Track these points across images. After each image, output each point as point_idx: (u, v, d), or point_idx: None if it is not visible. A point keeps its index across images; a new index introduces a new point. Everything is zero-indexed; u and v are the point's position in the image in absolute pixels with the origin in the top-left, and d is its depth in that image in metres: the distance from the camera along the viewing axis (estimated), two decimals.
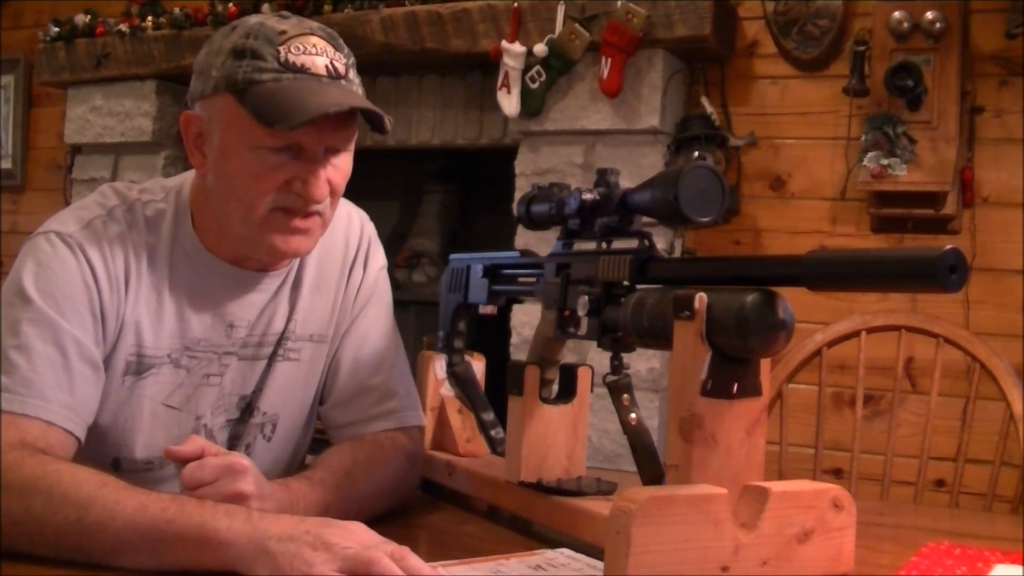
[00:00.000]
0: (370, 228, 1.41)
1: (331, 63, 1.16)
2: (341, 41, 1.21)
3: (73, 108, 3.68)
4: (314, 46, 1.16)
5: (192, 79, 1.20)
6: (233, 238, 1.21)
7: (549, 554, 1.04)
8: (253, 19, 1.18)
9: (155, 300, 1.21)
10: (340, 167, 1.20)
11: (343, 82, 1.16)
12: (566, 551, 1.05)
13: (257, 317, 1.28)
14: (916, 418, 2.37)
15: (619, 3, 2.70)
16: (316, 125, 1.12)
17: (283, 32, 1.15)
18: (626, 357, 1.12)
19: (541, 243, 2.42)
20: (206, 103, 1.17)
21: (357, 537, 0.92)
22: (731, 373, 0.92)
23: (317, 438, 1.41)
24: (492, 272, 1.36)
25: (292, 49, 1.14)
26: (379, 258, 1.40)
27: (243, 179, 1.15)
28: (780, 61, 2.84)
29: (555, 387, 1.24)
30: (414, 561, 0.91)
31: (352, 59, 1.21)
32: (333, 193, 1.20)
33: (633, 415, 1.09)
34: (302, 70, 1.13)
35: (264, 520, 0.94)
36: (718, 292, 0.92)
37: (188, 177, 1.27)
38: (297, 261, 1.31)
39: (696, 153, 2.68)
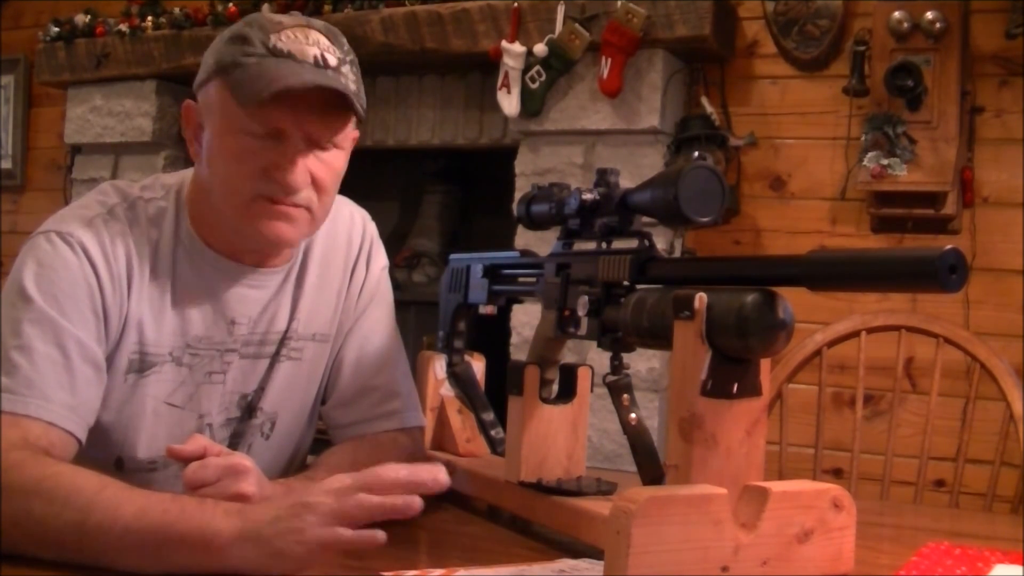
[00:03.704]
0: (372, 228, 1.41)
1: (321, 54, 1.15)
2: (343, 40, 1.20)
3: (73, 108, 3.68)
4: (307, 36, 1.16)
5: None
6: (226, 228, 1.21)
7: (571, 562, 1.04)
8: (258, 13, 1.19)
9: (158, 297, 1.21)
10: (328, 162, 1.18)
11: (330, 72, 1.15)
12: (588, 560, 1.04)
13: (259, 315, 1.28)
14: (916, 418, 2.37)
15: (619, 3, 2.70)
16: (296, 112, 1.12)
17: (280, 23, 1.16)
18: (626, 357, 1.12)
19: (541, 243, 2.41)
20: (203, 91, 1.19)
21: (333, 487, 0.92)
22: (731, 373, 0.92)
23: (318, 438, 1.41)
24: (492, 272, 1.36)
25: (283, 37, 1.15)
26: (381, 258, 1.40)
27: (226, 162, 1.16)
28: (780, 61, 2.85)
29: (555, 387, 1.24)
30: (389, 474, 0.91)
31: (352, 57, 1.20)
32: (319, 188, 1.18)
33: (633, 415, 1.09)
34: (288, 56, 1.13)
35: (253, 511, 0.94)
36: (718, 292, 0.92)
37: (187, 175, 1.27)
38: (299, 259, 1.31)
39: (696, 153, 2.67)
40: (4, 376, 1.07)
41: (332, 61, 1.15)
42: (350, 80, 1.17)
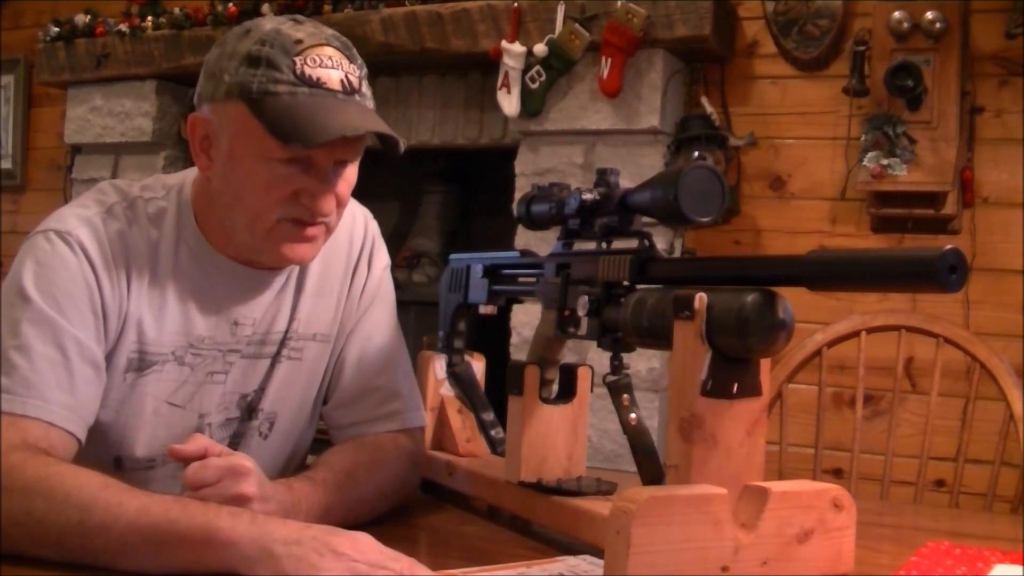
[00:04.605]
0: (374, 227, 1.41)
1: (346, 77, 1.15)
2: (354, 50, 1.20)
3: (73, 108, 3.68)
4: (330, 58, 1.15)
5: (200, 79, 1.18)
6: (240, 243, 1.21)
7: (572, 560, 1.04)
8: (268, 25, 1.16)
9: (158, 297, 1.21)
10: (347, 178, 1.20)
11: (357, 97, 1.16)
12: (588, 557, 1.04)
13: (261, 315, 1.28)
14: (916, 418, 2.37)
15: (619, 3, 2.70)
16: (330, 144, 1.12)
17: (299, 41, 1.14)
18: (626, 357, 1.12)
19: (541, 243, 2.42)
20: (216, 107, 1.16)
21: (365, 549, 0.92)
22: (731, 373, 0.92)
23: (318, 438, 1.41)
24: (492, 272, 1.36)
25: (308, 61, 1.13)
26: (383, 257, 1.40)
27: (252, 188, 1.15)
28: (780, 61, 2.85)
29: (555, 387, 1.24)
30: (422, 573, 0.91)
31: (364, 70, 1.20)
32: (339, 204, 1.20)
33: (633, 415, 1.09)
34: (318, 84, 1.13)
35: (269, 523, 0.94)
36: (718, 292, 0.92)
37: (189, 175, 1.27)
38: None
39: (696, 153, 2.68)
40: (3, 376, 1.07)
41: (355, 82, 1.16)
42: (368, 98, 1.19)
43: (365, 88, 1.19)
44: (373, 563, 0.90)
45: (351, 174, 1.21)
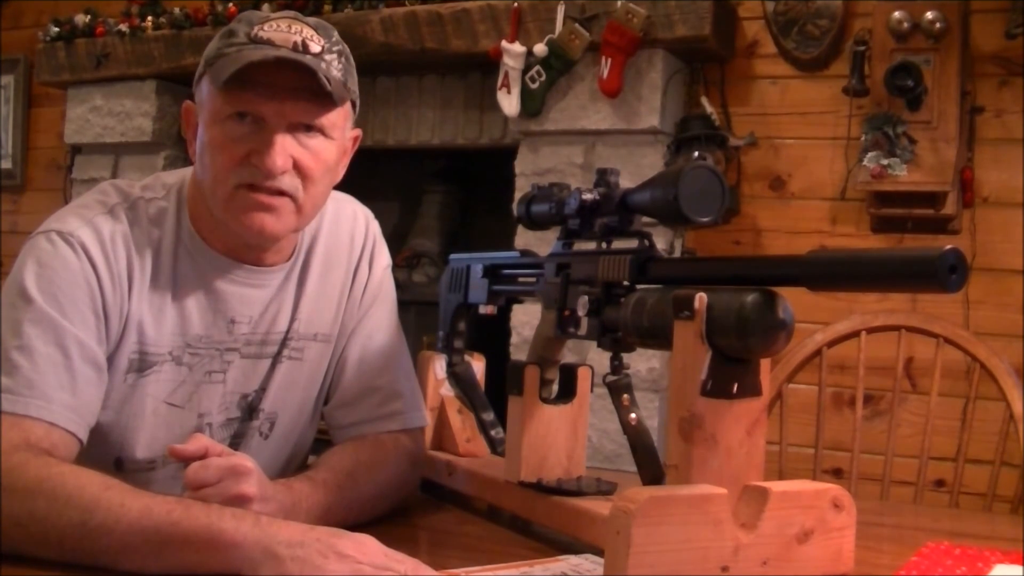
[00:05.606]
0: (375, 226, 1.40)
1: (303, 41, 1.14)
2: (334, 33, 1.20)
3: (73, 108, 3.68)
4: (289, 27, 1.16)
5: None
6: (218, 223, 1.21)
7: (574, 560, 1.04)
8: (251, 10, 1.21)
9: (158, 297, 1.21)
10: (314, 150, 1.17)
11: (308, 57, 1.14)
12: (590, 556, 1.05)
13: (260, 314, 1.28)
14: (916, 418, 2.37)
15: (619, 3, 2.70)
16: (272, 95, 1.12)
17: (267, 17, 1.18)
18: (626, 357, 1.12)
19: (541, 243, 2.41)
20: (196, 90, 1.21)
21: (368, 551, 0.92)
22: (731, 373, 0.92)
23: (319, 438, 1.41)
24: (492, 272, 1.36)
25: (266, 27, 1.15)
26: (384, 257, 1.40)
27: (211, 153, 1.16)
28: (780, 61, 2.85)
29: (555, 387, 1.24)
30: (426, 574, 0.91)
31: (341, 48, 1.19)
32: (303, 176, 1.17)
33: (633, 415, 1.09)
34: (266, 42, 1.14)
35: (272, 525, 0.94)
36: (718, 292, 0.92)
37: (188, 173, 1.27)
38: (301, 258, 1.31)
39: (696, 153, 2.68)
40: (5, 377, 1.07)
41: (314, 48, 1.15)
42: (333, 67, 1.16)
43: (330, 58, 1.16)
44: (377, 565, 0.90)
45: (320, 148, 1.18)
